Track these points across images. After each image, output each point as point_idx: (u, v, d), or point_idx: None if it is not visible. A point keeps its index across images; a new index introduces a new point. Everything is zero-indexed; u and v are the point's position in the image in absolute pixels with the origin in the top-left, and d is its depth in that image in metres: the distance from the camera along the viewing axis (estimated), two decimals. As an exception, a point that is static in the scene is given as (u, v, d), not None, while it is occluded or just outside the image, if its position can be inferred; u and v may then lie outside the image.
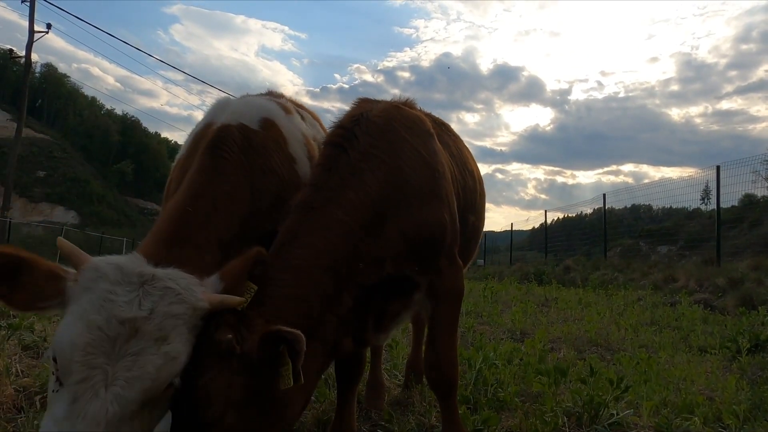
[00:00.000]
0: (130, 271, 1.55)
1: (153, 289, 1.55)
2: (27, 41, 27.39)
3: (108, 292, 1.50)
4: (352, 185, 2.06)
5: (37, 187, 79.59)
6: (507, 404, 3.19)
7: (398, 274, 2.16)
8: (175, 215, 1.97)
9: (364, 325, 2.19)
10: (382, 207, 2.09)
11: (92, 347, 1.43)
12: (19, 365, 3.44)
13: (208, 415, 1.58)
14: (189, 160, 2.31)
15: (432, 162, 2.32)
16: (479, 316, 7.59)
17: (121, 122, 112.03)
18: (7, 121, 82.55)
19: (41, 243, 33.84)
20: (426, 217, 2.21)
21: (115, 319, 1.46)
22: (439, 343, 2.35)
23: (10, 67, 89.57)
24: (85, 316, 1.47)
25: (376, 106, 2.39)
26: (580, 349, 5.43)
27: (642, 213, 27.68)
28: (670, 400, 3.36)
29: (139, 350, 1.46)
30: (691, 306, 9.06)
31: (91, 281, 1.53)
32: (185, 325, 1.57)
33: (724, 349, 5.30)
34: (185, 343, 1.57)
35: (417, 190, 2.21)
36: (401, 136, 2.28)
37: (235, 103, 2.56)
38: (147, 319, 1.49)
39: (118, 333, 1.45)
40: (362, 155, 2.14)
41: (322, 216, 2.00)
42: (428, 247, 2.23)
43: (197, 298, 1.61)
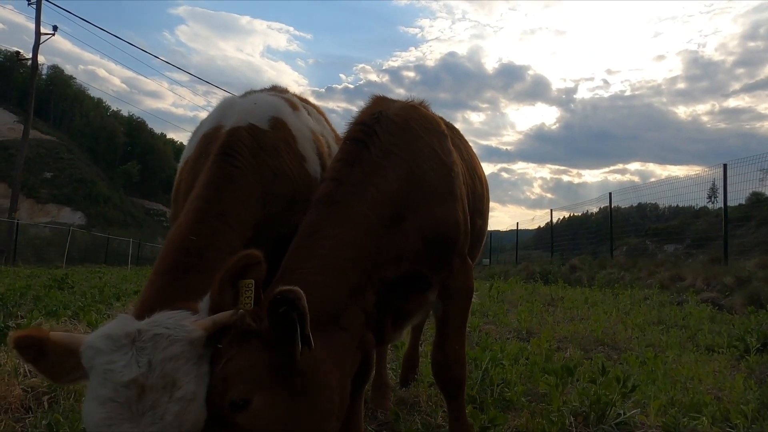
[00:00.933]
0: (118, 336, 1.55)
1: (143, 342, 1.54)
2: (33, 43, 27.54)
3: (106, 364, 1.51)
4: (374, 181, 2.09)
5: (44, 188, 79.99)
6: (513, 404, 3.18)
7: (414, 272, 2.18)
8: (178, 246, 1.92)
9: (383, 322, 2.20)
10: (402, 204, 2.12)
11: (111, 419, 1.46)
12: (27, 365, 3.47)
13: (232, 395, 1.53)
14: (198, 163, 2.29)
15: (448, 162, 2.36)
16: (485, 316, 7.58)
17: (127, 123, 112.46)
18: (15, 123, 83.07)
19: (48, 244, 34.01)
20: (442, 215, 2.24)
21: (119, 386, 1.47)
22: (448, 341, 2.36)
23: (17, 69, 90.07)
24: (95, 393, 1.50)
25: (393, 105, 2.43)
26: (586, 348, 5.41)
27: (648, 212, 27.56)
28: (678, 400, 3.34)
29: (153, 404, 1.47)
30: (699, 305, 9.02)
31: (91, 359, 1.54)
32: (188, 361, 1.56)
33: (731, 348, 5.27)
34: (198, 380, 1.56)
35: (434, 188, 2.24)
36: (419, 135, 2.31)
37: (242, 103, 2.52)
38: (148, 373, 1.49)
39: (127, 397, 1.47)
40: (383, 152, 2.17)
41: (345, 210, 2.01)
42: (443, 245, 2.25)
43: (189, 330, 1.59)
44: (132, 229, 71.56)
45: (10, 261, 24.21)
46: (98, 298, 8.36)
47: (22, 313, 6.05)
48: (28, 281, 11.56)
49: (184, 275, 1.83)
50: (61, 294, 8.59)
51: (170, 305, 1.66)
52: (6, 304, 6.59)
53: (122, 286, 11.89)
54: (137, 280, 15.17)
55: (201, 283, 1.81)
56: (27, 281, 11.55)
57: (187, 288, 1.78)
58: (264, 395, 1.54)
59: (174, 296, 1.73)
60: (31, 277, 13.51)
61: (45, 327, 4.86)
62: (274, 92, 2.89)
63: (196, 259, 1.88)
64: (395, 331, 2.33)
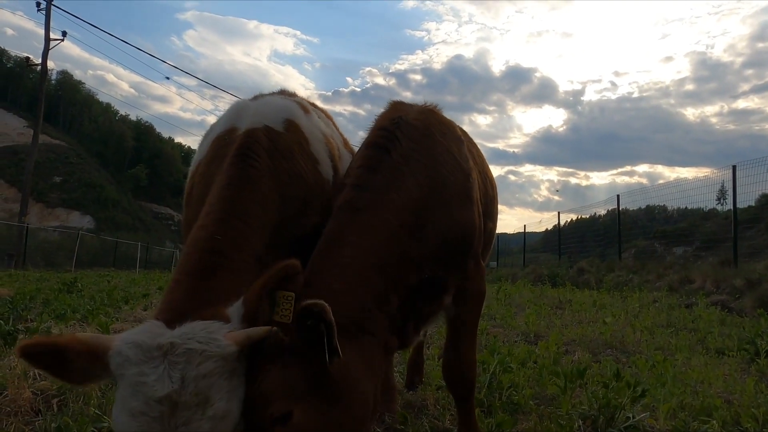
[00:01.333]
0: (149, 347, 1.53)
1: (176, 357, 1.52)
2: (43, 49, 27.79)
3: (138, 375, 1.49)
4: (396, 187, 2.11)
5: (54, 192, 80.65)
6: (521, 407, 3.17)
7: (433, 276, 2.20)
8: (203, 246, 1.90)
9: (406, 326, 2.21)
10: (422, 209, 2.14)
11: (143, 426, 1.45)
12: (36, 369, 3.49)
13: (274, 411, 1.55)
14: (213, 166, 2.28)
15: (466, 167, 2.38)
16: (492, 319, 7.55)
17: (136, 128, 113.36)
18: (24, 128, 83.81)
19: (58, 248, 34.26)
20: (461, 218, 2.26)
21: (151, 400, 1.46)
22: (460, 344, 2.38)
23: (26, 74, 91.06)
24: (126, 405, 1.48)
25: (412, 110, 2.46)
26: (595, 351, 5.38)
27: (657, 214, 27.39)
28: (688, 403, 3.32)
29: (185, 420, 1.46)
30: (708, 308, 8.95)
31: (120, 367, 1.53)
32: (221, 377, 1.54)
33: (742, 351, 5.23)
34: (231, 397, 1.55)
35: (453, 193, 2.26)
36: (438, 141, 2.34)
37: (255, 105, 2.50)
38: (181, 390, 1.48)
39: (160, 412, 1.45)
40: (403, 158, 2.19)
41: (368, 217, 2.03)
42: (461, 248, 2.28)
43: (223, 346, 1.57)
44: (140, 232, 71.99)
45: (19, 265, 24.39)
46: (107, 301, 8.40)
47: (32, 317, 6.09)
48: (37, 285, 11.64)
49: (212, 276, 1.82)
50: (70, 297, 8.64)
51: (201, 310, 1.65)
52: (16, 308, 6.63)
53: (131, 289, 11.94)
54: (145, 283, 15.24)
55: (228, 284, 1.81)
56: (36, 285, 11.63)
57: (215, 290, 1.77)
58: (303, 407, 1.57)
59: (203, 299, 1.72)
60: (40, 281, 13.61)
61: (54, 329, 4.89)
62: (284, 95, 2.88)
63: (222, 259, 1.86)
64: (415, 335, 2.34)
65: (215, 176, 2.19)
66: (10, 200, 68.71)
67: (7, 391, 2.91)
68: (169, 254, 53.52)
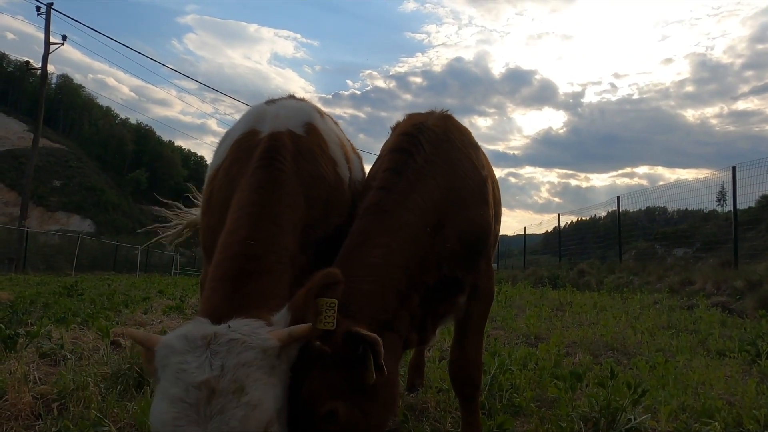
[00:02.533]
0: (194, 337, 1.60)
1: (218, 346, 1.58)
2: (43, 53, 27.82)
3: (180, 363, 1.55)
4: (419, 189, 2.20)
5: (54, 196, 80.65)
6: (522, 410, 3.16)
7: (450, 275, 2.28)
8: (237, 251, 1.92)
9: (425, 324, 2.28)
10: (442, 211, 2.23)
11: (180, 419, 1.48)
12: (36, 372, 3.49)
13: (322, 410, 1.70)
14: (233, 169, 2.28)
15: (481, 170, 2.48)
16: (493, 321, 7.54)
17: (136, 131, 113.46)
18: (24, 132, 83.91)
19: (58, 252, 34.23)
20: (478, 219, 2.36)
21: (190, 386, 1.51)
22: (467, 343, 2.44)
23: (27, 78, 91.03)
24: (166, 392, 1.53)
25: (431, 116, 2.59)
26: (595, 353, 5.37)
27: (657, 215, 27.37)
28: (689, 405, 3.31)
29: (221, 408, 1.50)
30: (709, 309, 8.94)
31: (165, 358, 1.59)
32: (259, 369, 1.59)
33: (743, 352, 5.22)
34: (266, 388, 1.59)
35: (470, 195, 2.36)
36: (456, 146, 2.45)
37: (275, 109, 2.51)
38: (220, 377, 1.52)
39: (197, 398, 1.50)
40: (426, 162, 2.29)
41: (394, 219, 2.12)
42: (476, 248, 2.37)
43: (264, 339, 1.63)
44: (140, 236, 71.88)
45: (20, 269, 24.39)
46: (107, 305, 8.40)
47: (32, 321, 6.09)
48: (37, 289, 11.64)
49: (248, 281, 1.85)
50: (70, 301, 8.65)
51: (242, 312, 1.69)
52: (16, 312, 6.64)
53: (131, 293, 11.94)
54: (146, 287, 15.24)
55: (266, 288, 1.85)
56: (37, 289, 11.63)
57: (252, 294, 1.80)
58: (346, 405, 1.74)
59: (243, 303, 1.75)
60: (40, 285, 13.60)
61: (54, 333, 4.88)
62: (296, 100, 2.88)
63: (257, 264, 1.89)
64: (433, 333, 2.41)
65: (238, 180, 2.20)
66: (11, 204, 68.70)
67: (7, 395, 2.90)
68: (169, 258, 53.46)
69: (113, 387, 3.28)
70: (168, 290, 12.81)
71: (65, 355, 4.12)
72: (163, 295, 11.34)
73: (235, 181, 2.22)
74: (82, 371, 3.48)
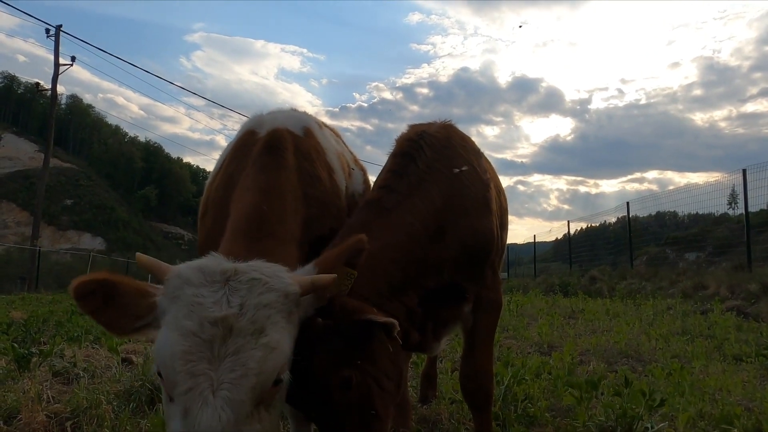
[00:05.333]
0: (212, 271, 1.53)
1: (238, 284, 1.52)
2: (53, 74, 28.23)
3: (195, 296, 1.48)
4: (419, 193, 2.23)
5: (65, 215, 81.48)
6: (537, 420, 3.13)
7: (452, 282, 2.27)
8: (251, 212, 1.94)
9: (425, 329, 2.26)
10: (444, 215, 2.24)
11: (191, 354, 1.40)
12: (50, 391, 3.49)
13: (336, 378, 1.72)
14: (233, 166, 2.31)
15: (484, 177, 2.49)
16: (505, 330, 7.49)
17: (145, 149, 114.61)
18: (35, 152, 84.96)
19: (69, 270, 34.46)
20: (480, 227, 2.36)
21: (206, 321, 1.43)
22: (477, 354, 2.44)
23: (37, 99, 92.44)
24: (178, 324, 1.45)
25: (434, 125, 2.63)
26: (610, 361, 5.31)
27: (667, 220, 27.15)
28: (707, 412, 3.26)
29: (237, 348, 1.43)
30: (724, 314, 8.83)
31: (177, 289, 1.51)
32: (279, 313, 1.54)
33: (760, 357, 5.14)
34: (283, 332, 1.54)
35: (473, 203, 2.37)
36: (458, 153, 2.48)
37: (273, 114, 2.57)
38: (239, 315, 1.46)
39: (213, 335, 1.43)
40: (428, 167, 2.32)
41: (393, 217, 2.15)
42: (479, 256, 2.36)
43: (287, 283, 1.59)
44: (151, 252, 71.48)
45: (32, 288, 24.57)
46: (119, 322, 8.41)
47: (45, 339, 6.12)
48: (50, 307, 11.70)
49: (260, 240, 1.86)
50: (82, 320, 8.67)
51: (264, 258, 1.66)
52: (29, 331, 6.67)
53: (142, 309, 11.96)
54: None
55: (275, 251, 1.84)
56: (49, 307, 11.69)
57: (269, 249, 1.80)
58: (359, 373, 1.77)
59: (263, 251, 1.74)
60: (53, 303, 13.67)
61: (67, 351, 4.90)
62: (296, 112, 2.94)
63: (270, 228, 1.92)
64: (435, 341, 2.38)
65: (236, 177, 2.21)
66: (22, 224, 69.45)
67: (21, 414, 2.91)
68: (179, 273, 53.63)
69: (126, 404, 3.28)
70: (179, 306, 12.80)
71: (78, 373, 4.12)
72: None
73: (233, 179, 2.23)
74: (95, 389, 3.49)
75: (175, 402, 1.42)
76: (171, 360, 1.41)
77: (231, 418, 1.37)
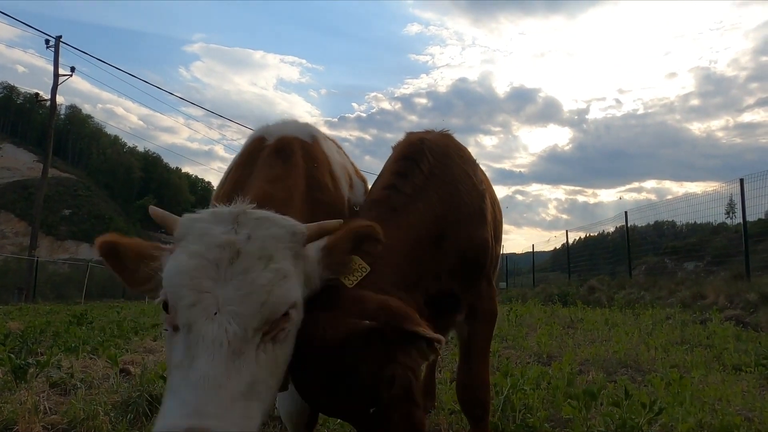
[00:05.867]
0: (221, 212, 1.58)
1: (247, 219, 1.55)
2: (52, 84, 28.30)
3: (204, 228, 1.52)
4: (422, 198, 2.23)
5: (63, 225, 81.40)
6: (536, 430, 3.12)
7: (448, 291, 2.26)
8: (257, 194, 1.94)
9: None
10: (443, 223, 2.24)
11: (197, 272, 1.42)
12: (47, 402, 3.47)
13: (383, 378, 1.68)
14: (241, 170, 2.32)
15: (480, 187, 2.50)
16: (504, 340, 7.47)
17: (143, 159, 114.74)
18: (34, 162, 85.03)
19: (67, 280, 34.34)
20: (475, 236, 2.36)
21: (213, 244, 1.46)
22: (473, 364, 2.42)
23: (36, 110, 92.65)
24: (185, 248, 1.49)
25: (432, 133, 2.64)
26: (609, 371, 5.30)
27: (666, 229, 27.18)
28: (707, 422, 3.25)
29: (245, 269, 1.45)
30: (723, 323, 8.82)
31: (187, 227, 1.56)
32: (287, 249, 1.55)
33: (759, 366, 5.14)
34: (291, 267, 1.54)
35: (471, 211, 2.37)
36: (456, 162, 2.49)
37: (281, 123, 2.61)
38: (247, 241, 1.49)
39: (219, 257, 1.45)
40: (430, 173, 2.32)
41: (401, 217, 2.14)
42: (474, 265, 2.36)
43: (294, 224, 1.62)
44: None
45: (29, 298, 24.46)
46: (117, 333, 8.39)
47: (42, 350, 6.09)
48: (47, 318, 11.66)
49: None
50: (80, 330, 8.64)
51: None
52: (26, 341, 6.64)
53: (140, 320, 11.94)
54: (155, 314, 15.22)
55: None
56: (47, 318, 11.65)
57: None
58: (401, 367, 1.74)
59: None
60: (50, 314, 13.63)
61: (64, 362, 4.88)
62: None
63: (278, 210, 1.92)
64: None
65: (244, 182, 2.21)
66: (20, 234, 69.34)
67: (17, 425, 2.89)
68: (177, 284, 53.36)
69: (123, 415, 3.26)
70: (177, 316, 12.74)
71: (75, 384, 4.11)
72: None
73: (241, 185, 2.22)
74: (92, 400, 3.47)
75: (179, 328, 1.41)
76: (177, 277, 1.43)
77: (238, 332, 1.36)
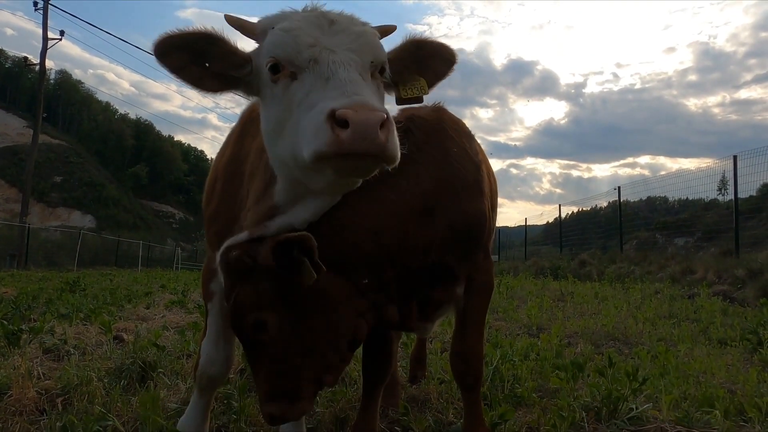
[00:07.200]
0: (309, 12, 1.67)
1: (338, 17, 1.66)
2: (41, 48, 27.77)
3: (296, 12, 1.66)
4: (406, 174, 2.17)
5: (54, 192, 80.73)
6: (524, 400, 3.18)
7: (441, 263, 2.26)
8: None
9: (409, 311, 2.26)
10: (433, 198, 2.21)
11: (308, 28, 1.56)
12: (40, 368, 3.50)
13: (251, 321, 1.79)
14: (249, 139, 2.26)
15: (476, 159, 2.46)
16: (495, 312, 7.57)
17: (135, 126, 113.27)
18: (24, 128, 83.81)
19: (59, 248, 34.27)
20: (472, 209, 2.33)
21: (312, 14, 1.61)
22: (468, 334, 2.42)
23: (25, 74, 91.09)
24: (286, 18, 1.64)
25: (423, 108, 2.58)
26: (597, 343, 5.39)
27: (658, 205, 27.34)
28: (690, 394, 3.32)
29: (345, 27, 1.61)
30: (710, 298, 8.95)
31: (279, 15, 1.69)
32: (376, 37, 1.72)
33: (744, 341, 5.23)
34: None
35: (464, 184, 2.33)
36: (449, 135, 2.44)
37: None
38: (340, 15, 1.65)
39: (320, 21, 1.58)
40: (417, 149, 2.27)
41: (373, 194, 2.10)
42: (470, 238, 2.34)
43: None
44: (141, 231, 71.96)
45: (21, 265, 24.45)
46: (110, 300, 8.42)
47: (35, 316, 6.11)
48: (40, 285, 11.67)
49: None
50: (72, 297, 8.66)
51: None
52: (19, 308, 6.65)
53: (133, 287, 11.97)
54: (147, 281, 15.27)
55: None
56: (39, 285, 11.66)
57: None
58: (277, 317, 1.82)
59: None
60: (42, 281, 13.64)
61: (57, 328, 4.90)
62: None
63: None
64: (424, 322, 2.39)
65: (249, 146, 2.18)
66: (11, 201, 68.83)
67: (11, 390, 2.91)
68: (170, 252, 53.54)
69: (117, 382, 3.29)
70: (170, 285, 12.82)
71: (69, 350, 4.13)
72: (166, 289, 11.35)
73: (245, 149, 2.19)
74: (86, 366, 3.50)
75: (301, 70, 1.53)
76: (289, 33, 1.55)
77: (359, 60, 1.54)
